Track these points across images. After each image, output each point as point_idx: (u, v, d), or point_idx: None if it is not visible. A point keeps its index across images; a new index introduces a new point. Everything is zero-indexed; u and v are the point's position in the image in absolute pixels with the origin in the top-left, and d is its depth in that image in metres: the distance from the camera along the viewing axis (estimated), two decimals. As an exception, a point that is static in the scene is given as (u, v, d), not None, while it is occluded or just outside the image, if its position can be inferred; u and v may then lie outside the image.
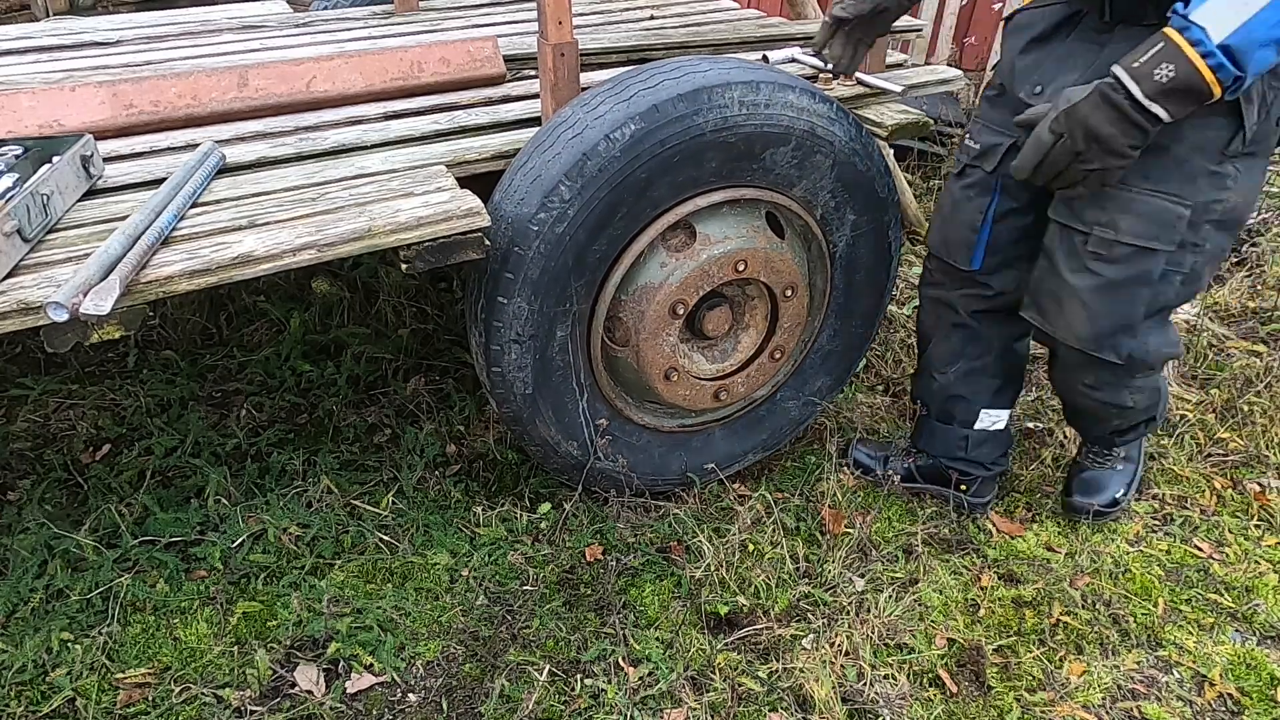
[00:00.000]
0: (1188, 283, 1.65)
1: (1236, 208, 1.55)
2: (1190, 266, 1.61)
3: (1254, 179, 1.55)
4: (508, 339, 1.75)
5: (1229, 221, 1.57)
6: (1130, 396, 1.89)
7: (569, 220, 1.66)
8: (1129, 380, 1.83)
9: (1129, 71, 1.27)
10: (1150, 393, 1.93)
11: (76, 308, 1.25)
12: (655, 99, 1.64)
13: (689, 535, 2.04)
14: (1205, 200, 1.52)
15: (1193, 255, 1.59)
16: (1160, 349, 1.77)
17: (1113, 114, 1.30)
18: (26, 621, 1.80)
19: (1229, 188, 1.52)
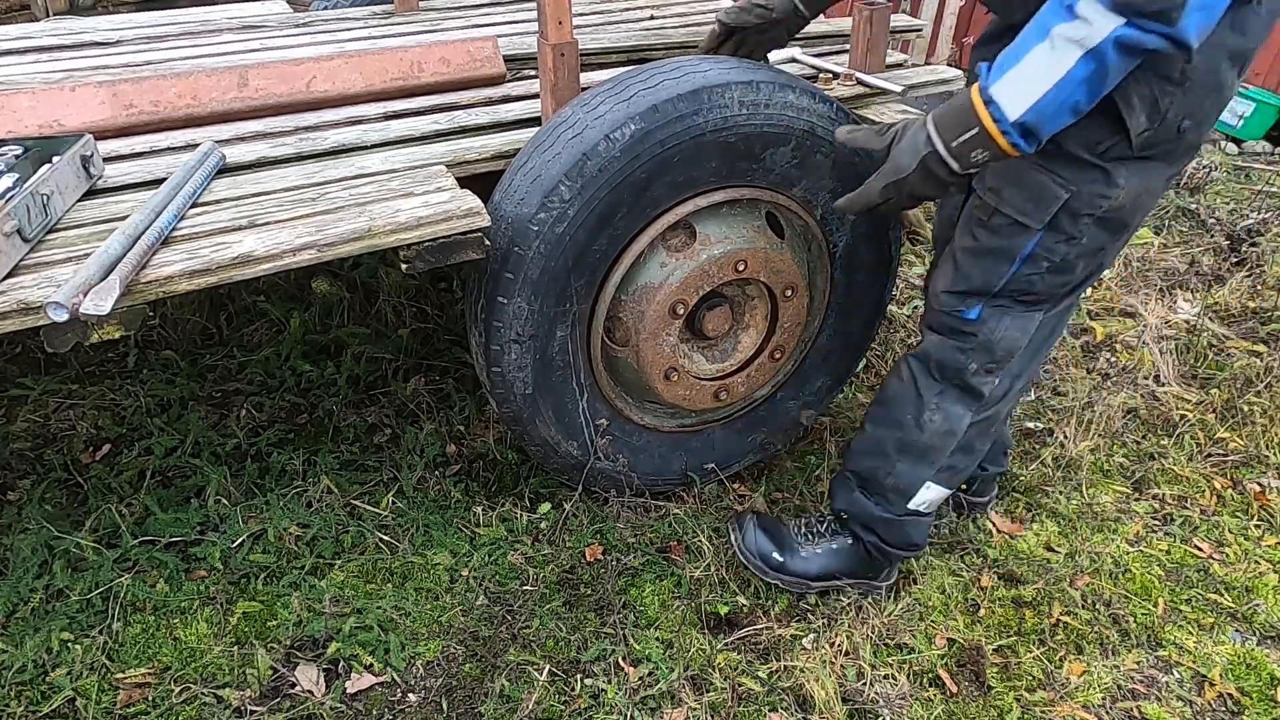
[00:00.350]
0: (1056, 273, 1.56)
1: (1123, 209, 1.48)
2: (1062, 256, 1.53)
3: (1148, 183, 1.46)
4: (508, 339, 1.75)
5: (1112, 221, 1.50)
6: (933, 405, 1.72)
7: (569, 220, 1.66)
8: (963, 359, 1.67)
9: (950, 150, 1.39)
10: (943, 436, 1.72)
11: (76, 308, 1.25)
12: (655, 99, 1.64)
13: (689, 535, 2.04)
14: (1089, 191, 1.45)
15: (1066, 245, 1.52)
16: (1011, 337, 1.63)
17: (935, 181, 1.45)
18: (26, 621, 1.80)
19: (1119, 185, 1.44)
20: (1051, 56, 1.25)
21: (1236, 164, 4.19)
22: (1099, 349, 2.77)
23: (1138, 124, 1.36)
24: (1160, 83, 1.33)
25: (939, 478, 1.78)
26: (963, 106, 1.37)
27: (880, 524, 1.84)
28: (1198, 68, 1.31)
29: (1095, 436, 2.35)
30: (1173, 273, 3.11)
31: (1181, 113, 1.36)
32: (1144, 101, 1.35)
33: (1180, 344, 2.72)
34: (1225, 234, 3.29)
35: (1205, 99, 1.37)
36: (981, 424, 1.75)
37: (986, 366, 1.67)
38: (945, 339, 1.69)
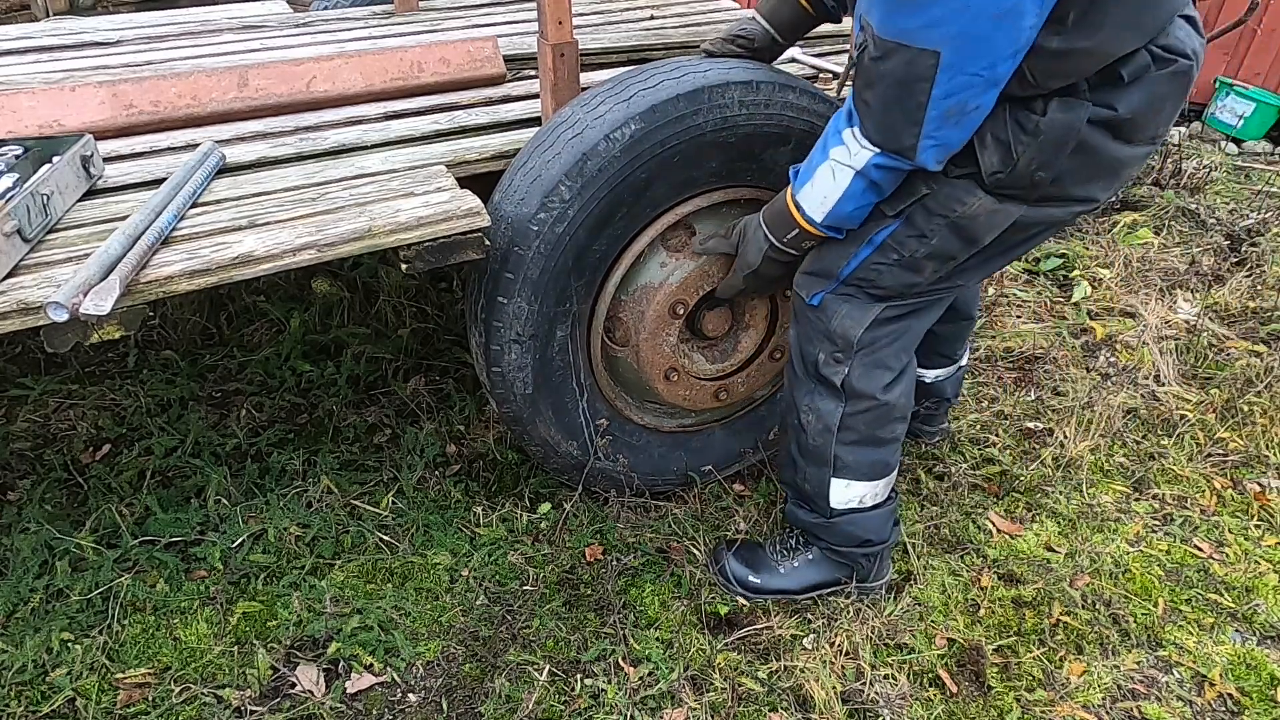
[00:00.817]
0: (904, 268, 1.58)
1: (976, 223, 1.50)
2: (911, 252, 1.55)
3: (1001, 218, 1.49)
4: (508, 339, 1.75)
5: (964, 230, 1.51)
6: (805, 407, 1.75)
7: (569, 220, 1.66)
8: (812, 349, 1.70)
9: (783, 244, 1.65)
10: (822, 434, 1.74)
11: (76, 308, 1.25)
12: (655, 99, 1.64)
13: (689, 535, 2.04)
14: (947, 194, 1.48)
15: (917, 242, 1.54)
16: (845, 325, 1.64)
17: (780, 265, 1.70)
18: (26, 621, 1.80)
19: (978, 199, 1.47)
20: (832, 175, 1.49)
21: (1236, 164, 4.19)
22: (1099, 349, 2.77)
23: (989, 164, 1.42)
24: (1015, 129, 1.39)
25: (845, 474, 1.77)
26: (782, 210, 1.62)
27: (819, 529, 1.85)
28: (1053, 123, 1.37)
29: (1095, 436, 2.35)
30: (1173, 273, 3.11)
31: (1035, 162, 1.41)
32: (997, 144, 1.41)
33: (1180, 344, 2.72)
34: (1225, 234, 3.29)
35: (1063, 155, 1.40)
36: (867, 417, 1.71)
37: (834, 355, 1.67)
38: (796, 328, 1.72)
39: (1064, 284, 3.12)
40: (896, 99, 1.34)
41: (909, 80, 1.30)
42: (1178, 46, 1.36)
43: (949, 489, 2.21)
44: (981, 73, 1.29)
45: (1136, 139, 1.43)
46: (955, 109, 1.32)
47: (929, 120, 1.33)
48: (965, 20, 1.24)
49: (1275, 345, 2.72)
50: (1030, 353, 2.73)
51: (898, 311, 1.65)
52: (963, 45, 1.26)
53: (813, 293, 1.66)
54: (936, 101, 1.31)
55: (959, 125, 1.35)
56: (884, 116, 1.37)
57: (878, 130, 1.39)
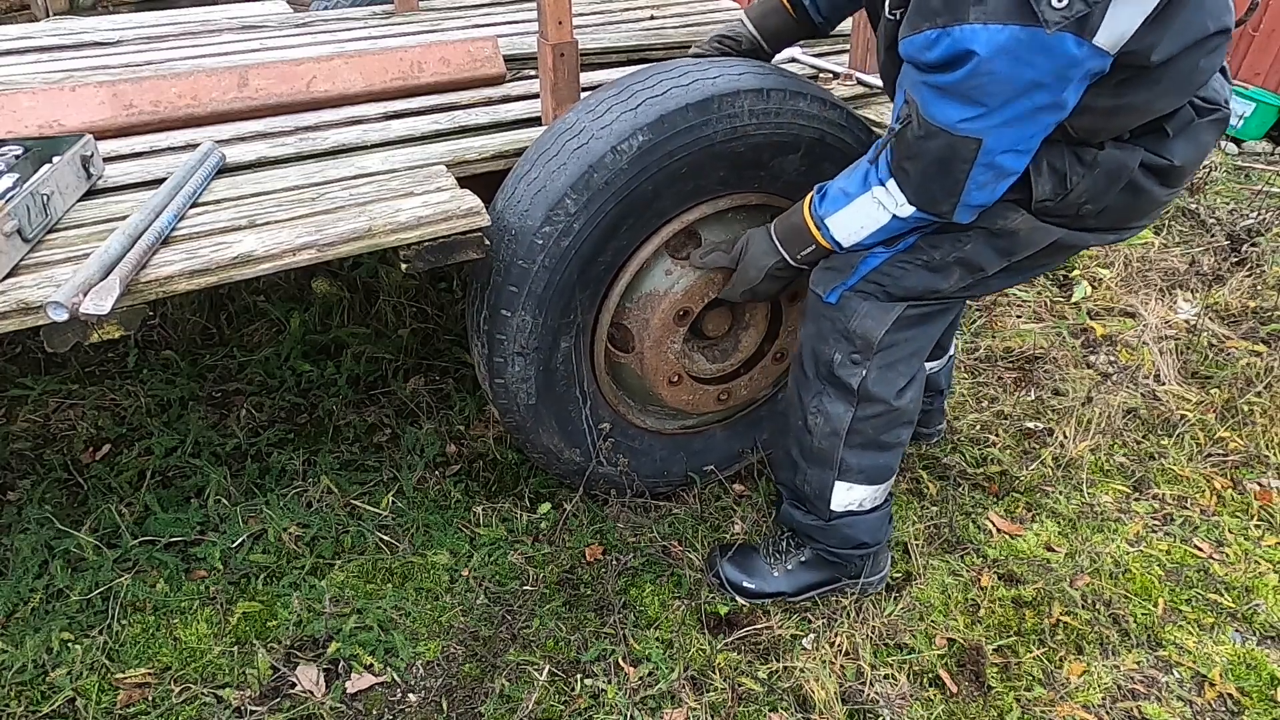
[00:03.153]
0: (930, 271, 1.57)
1: (1015, 238, 1.52)
2: (940, 256, 1.55)
3: (1041, 236, 1.52)
4: (511, 351, 1.74)
5: (1001, 241, 1.53)
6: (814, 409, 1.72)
7: (574, 234, 1.64)
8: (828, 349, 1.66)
9: (798, 260, 1.66)
10: (829, 438, 1.71)
11: (76, 308, 1.25)
12: (663, 109, 1.60)
13: (689, 535, 2.04)
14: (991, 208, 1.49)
15: (950, 245, 1.54)
16: (865, 325, 1.61)
17: (782, 281, 1.74)
18: (26, 621, 1.80)
19: (1020, 216, 1.50)
20: (876, 210, 1.51)
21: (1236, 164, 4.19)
22: (1099, 348, 2.77)
23: (1041, 191, 1.45)
24: (1073, 160, 1.43)
25: (848, 478, 1.75)
26: (800, 228, 1.63)
27: (815, 531, 1.84)
28: (1109, 158, 1.42)
29: (1095, 436, 2.35)
30: (1173, 273, 3.11)
31: (1086, 194, 1.45)
32: (1053, 172, 1.44)
33: (1180, 344, 2.72)
34: (1225, 234, 3.28)
35: (1113, 192, 1.45)
36: (877, 421, 1.70)
37: (851, 356, 1.65)
38: (810, 326, 1.70)
39: (1064, 284, 3.12)
40: (936, 174, 1.39)
41: (950, 159, 1.36)
42: (1214, 97, 1.43)
43: (949, 489, 2.21)
44: (1019, 147, 1.35)
45: (1176, 184, 1.50)
46: (992, 180, 1.38)
47: (966, 191, 1.39)
48: (1010, 112, 1.29)
49: (1275, 345, 2.72)
50: (1030, 352, 2.73)
51: (918, 312, 1.63)
52: (1005, 133, 1.31)
53: (830, 288, 1.63)
54: (974, 177, 1.37)
55: (994, 191, 1.41)
56: (922, 185, 1.42)
57: (916, 196, 1.44)
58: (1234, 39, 4.62)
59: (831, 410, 1.70)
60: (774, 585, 1.89)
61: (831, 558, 1.86)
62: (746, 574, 1.91)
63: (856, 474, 1.76)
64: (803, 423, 1.75)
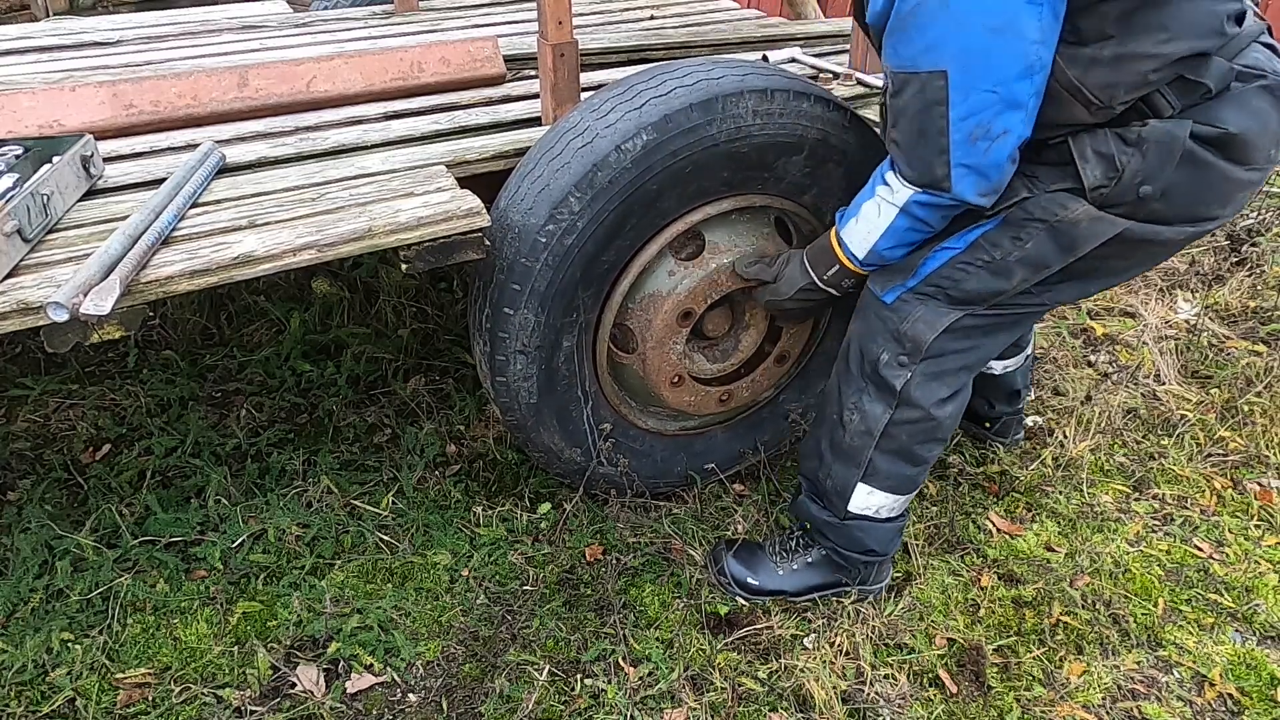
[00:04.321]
0: (990, 272, 1.53)
1: (1077, 230, 1.45)
2: (1003, 255, 1.51)
3: (1105, 228, 1.45)
4: (513, 350, 1.74)
5: (1063, 236, 1.47)
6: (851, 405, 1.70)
7: (578, 232, 1.64)
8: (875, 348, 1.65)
9: (824, 281, 1.70)
10: (861, 436, 1.70)
11: (76, 308, 1.25)
12: (668, 108, 1.60)
13: (689, 535, 2.04)
14: (1050, 199, 1.46)
15: (1011, 244, 1.50)
16: (918, 329, 1.59)
17: (811, 304, 1.78)
18: (26, 621, 1.80)
19: (1082, 206, 1.44)
20: (877, 210, 1.53)
21: (1236, 164, 4.18)
22: (1099, 348, 2.77)
23: (1092, 178, 1.41)
24: (1117, 142, 1.39)
25: (872, 481, 1.73)
26: (826, 247, 1.68)
27: (827, 528, 1.83)
28: (1154, 131, 1.37)
29: (1095, 436, 2.35)
30: (1173, 272, 3.11)
31: (1140, 174, 1.39)
32: (1099, 158, 1.40)
33: (1180, 344, 2.72)
34: (1225, 234, 3.28)
35: (1169, 168, 1.38)
36: (913, 429, 1.68)
37: (898, 358, 1.63)
38: (861, 323, 1.69)
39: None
40: (919, 130, 1.37)
41: (926, 107, 1.35)
42: (1263, 65, 1.38)
43: (949, 489, 2.21)
44: (995, 89, 1.31)
45: (1249, 160, 1.41)
46: (978, 131, 1.34)
47: (954, 145, 1.36)
48: (963, 36, 1.29)
49: (1275, 345, 2.72)
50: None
51: (975, 323, 1.60)
52: (967, 61, 1.30)
53: (888, 288, 1.61)
54: (956, 124, 1.34)
55: (988, 152, 1.36)
56: (913, 151, 1.41)
57: (910, 166, 1.43)
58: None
59: (869, 409, 1.69)
60: (776, 583, 1.89)
61: (839, 559, 1.86)
62: (751, 570, 1.91)
63: (883, 479, 1.74)
64: (838, 417, 1.74)
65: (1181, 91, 1.36)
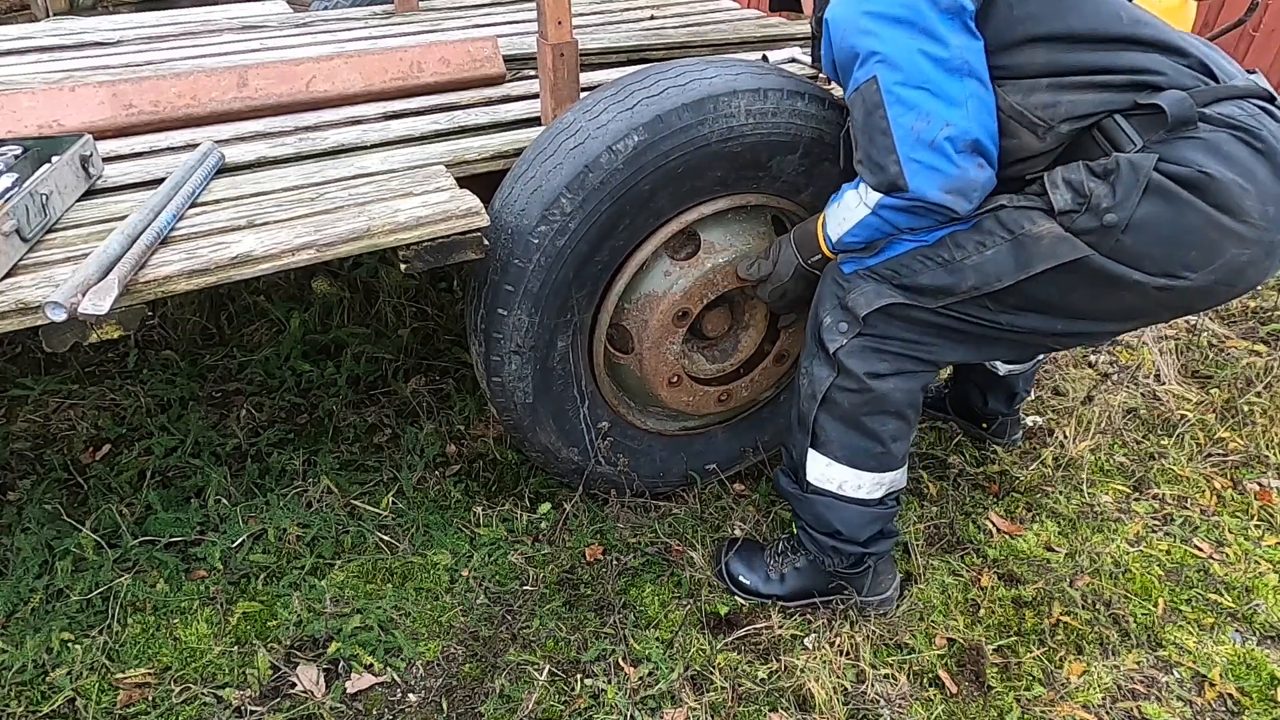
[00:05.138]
0: (945, 270, 1.53)
1: (1038, 245, 1.45)
2: (961, 258, 1.52)
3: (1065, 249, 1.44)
4: (508, 350, 1.74)
5: (1021, 249, 1.46)
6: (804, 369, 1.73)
7: (570, 233, 1.64)
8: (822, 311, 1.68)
9: (809, 265, 1.75)
10: (809, 400, 1.72)
11: (75, 308, 1.25)
12: (660, 108, 1.60)
13: (689, 535, 2.04)
14: (1022, 212, 1.47)
15: (974, 246, 1.50)
16: (857, 302, 1.62)
17: (810, 282, 1.78)
18: (26, 621, 1.80)
19: (1048, 224, 1.45)
20: (856, 204, 1.58)
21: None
22: (1099, 348, 2.77)
23: (1061, 202, 1.43)
24: (1085, 172, 1.43)
25: (824, 450, 1.72)
26: (811, 233, 1.73)
27: (794, 501, 1.83)
28: (1118, 161, 1.39)
29: (1095, 436, 2.35)
30: (1173, 272, 3.11)
31: (1105, 200, 1.39)
32: (1068, 185, 1.44)
33: (1180, 344, 2.72)
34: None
35: (1134, 197, 1.38)
36: (855, 397, 1.66)
37: (839, 325, 1.66)
38: (821, 288, 1.72)
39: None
40: (869, 137, 1.46)
41: (869, 112, 1.45)
42: (1239, 118, 1.37)
43: (949, 489, 2.21)
44: (923, 86, 1.41)
45: (1240, 212, 1.36)
46: (918, 124, 1.41)
47: (899, 141, 1.43)
48: (879, 41, 1.42)
49: (1275, 345, 2.72)
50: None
51: (923, 316, 1.60)
52: (888, 60, 1.42)
53: (848, 259, 1.65)
54: (895, 121, 1.43)
55: (933, 147, 1.42)
56: (869, 158, 1.48)
57: (871, 173, 1.49)
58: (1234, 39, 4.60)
59: (816, 373, 1.71)
60: (770, 587, 1.89)
61: (814, 549, 1.81)
62: (748, 568, 1.92)
63: (834, 448, 1.71)
64: (797, 382, 1.78)
65: (1141, 126, 1.40)
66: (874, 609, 1.87)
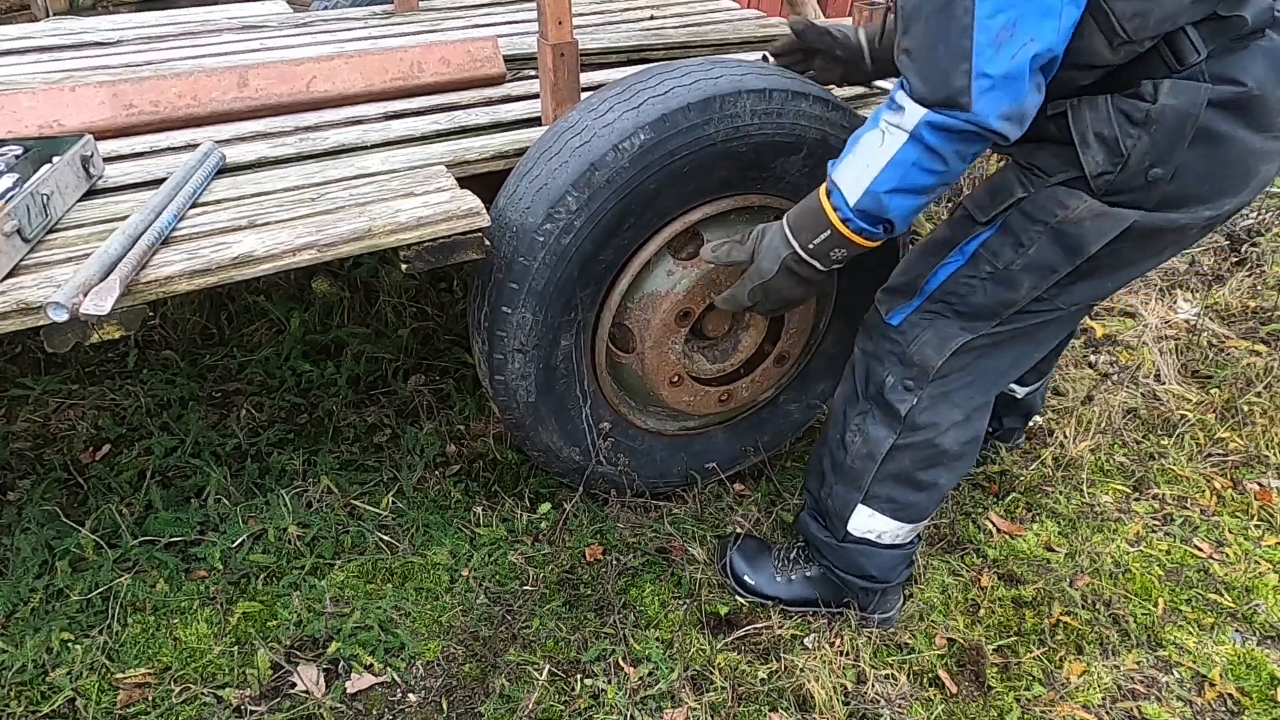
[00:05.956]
0: (998, 284, 1.45)
1: (1082, 228, 1.36)
2: (1006, 264, 1.43)
3: (1110, 224, 1.36)
4: (511, 348, 1.74)
5: (1067, 237, 1.38)
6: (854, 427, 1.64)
7: (575, 231, 1.64)
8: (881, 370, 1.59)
9: (807, 251, 1.46)
10: (863, 460, 1.64)
11: (76, 308, 1.25)
12: (665, 107, 1.60)
13: (689, 535, 2.04)
14: (1049, 196, 1.37)
15: (1013, 252, 1.42)
16: (925, 353, 1.52)
17: (799, 280, 1.52)
18: (26, 621, 1.80)
19: (1083, 203, 1.35)
20: (881, 140, 1.31)
21: (1236, 164, 4.18)
22: (1099, 348, 2.77)
23: (1094, 164, 1.31)
24: (1121, 120, 1.28)
25: (874, 504, 1.68)
26: (813, 208, 1.44)
27: (825, 549, 1.79)
28: (1165, 110, 1.25)
29: (1095, 436, 2.35)
30: (1173, 272, 3.11)
31: (1148, 157, 1.28)
32: (1101, 142, 1.30)
33: (1180, 344, 2.72)
34: (1225, 234, 3.28)
35: (1181, 146, 1.27)
36: (914, 451, 1.61)
37: (904, 382, 1.56)
38: (868, 344, 1.63)
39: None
40: (938, 30, 1.20)
41: (949, 2, 1.18)
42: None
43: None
44: None
45: (1269, 126, 1.27)
46: (1004, 32, 1.17)
47: (977, 49, 1.17)
48: None
49: (1275, 345, 2.72)
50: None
51: (986, 342, 1.52)
52: None
53: (893, 310, 1.56)
54: (982, 21, 1.16)
55: (1014, 62, 1.18)
56: (928, 58, 1.22)
57: (923, 79, 1.24)
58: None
59: (872, 432, 1.62)
60: (773, 590, 1.88)
61: (837, 581, 1.82)
62: (752, 568, 1.90)
63: (884, 503, 1.68)
64: (840, 437, 1.69)
65: (1210, 33, 1.22)
66: (875, 624, 1.86)
